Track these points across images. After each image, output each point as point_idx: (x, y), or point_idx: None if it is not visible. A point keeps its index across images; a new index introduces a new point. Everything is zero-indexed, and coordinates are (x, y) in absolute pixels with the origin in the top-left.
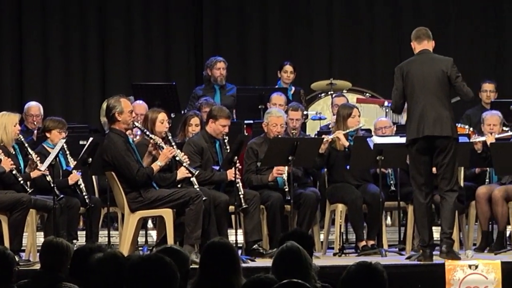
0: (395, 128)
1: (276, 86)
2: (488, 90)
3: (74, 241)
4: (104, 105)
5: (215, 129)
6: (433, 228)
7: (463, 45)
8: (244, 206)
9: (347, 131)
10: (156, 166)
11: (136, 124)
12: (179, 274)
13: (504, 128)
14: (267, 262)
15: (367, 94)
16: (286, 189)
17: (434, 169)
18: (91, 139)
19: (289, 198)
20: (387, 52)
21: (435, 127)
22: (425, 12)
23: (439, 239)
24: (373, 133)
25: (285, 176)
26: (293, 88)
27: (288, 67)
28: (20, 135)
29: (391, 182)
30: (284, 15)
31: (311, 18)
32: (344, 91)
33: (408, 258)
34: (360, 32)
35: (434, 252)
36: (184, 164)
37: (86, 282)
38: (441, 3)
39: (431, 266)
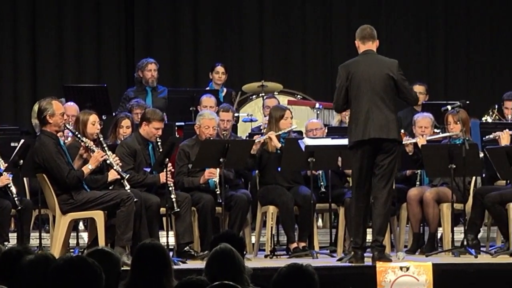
0: (326, 130)
1: (208, 88)
2: (418, 92)
3: (6, 243)
4: (36, 107)
5: (148, 131)
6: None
7: (395, 47)
8: (176, 210)
9: (279, 132)
10: (86, 169)
11: (68, 126)
12: (104, 275)
13: (436, 130)
14: (198, 264)
15: (298, 96)
16: (218, 191)
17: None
18: (22, 141)
19: (220, 200)
20: (318, 54)
21: (381, 130)
22: (357, 14)
23: (371, 243)
24: (304, 135)
25: (216, 178)
26: (225, 90)
27: (220, 68)
28: None
29: (321, 184)
30: (215, 17)
31: (242, 20)
32: (275, 93)
33: (339, 260)
34: (291, 34)
35: (365, 254)
36: (115, 167)
37: (16, 285)
38: (373, 5)
39: (362, 268)
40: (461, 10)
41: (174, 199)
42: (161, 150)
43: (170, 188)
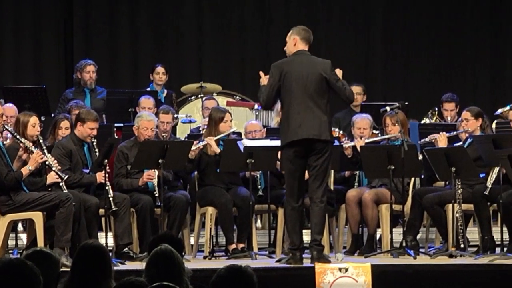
0: (265, 131)
1: (149, 89)
2: (356, 93)
3: None
4: None
5: (83, 132)
6: (304, 231)
7: (333, 48)
8: (114, 209)
9: (218, 136)
10: (26, 170)
11: (7, 127)
12: (42, 278)
13: (374, 132)
14: (137, 265)
15: (237, 97)
16: (156, 193)
17: (307, 173)
18: None
19: (159, 201)
20: (257, 56)
21: (313, 131)
22: (295, 15)
23: (309, 243)
24: (243, 136)
25: (155, 181)
26: (166, 91)
27: (160, 69)
28: None
29: (259, 187)
30: (154, 18)
31: (180, 20)
32: (214, 94)
33: (278, 261)
34: (229, 35)
35: (304, 255)
36: (54, 169)
37: None
38: (311, 6)
39: (301, 269)
40: (399, 11)
41: (111, 198)
42: (96, 150)
43: (107, 188)
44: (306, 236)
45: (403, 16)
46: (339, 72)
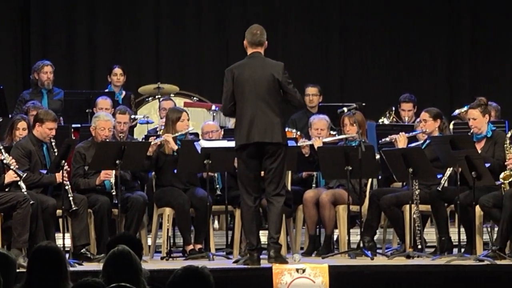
0: (222, 132)
1: (107, 90)
2: (310, 94)
3: None
4: None
5: (42, 132)
6: (261, 232)
7: (291, 49)
8: (74, 208)
9: (176, 134)
10: None
11: None
12: (2, 279)
13: (332, 132)
14: (94, 266)
15: (195, 98)
16: (114, 193)
17: (262, 173)
18: None
19: (116, 202)
20: (214, 57)
21: (265, 134)
22: (253, 16)
23: (266, 243)
24: (200, 137)
25: (112, 180)
26: (124, 92)
27: (118, 70)
28: None
29: (217, 186)
30: (111, 18)
31: (138, 21)
32: (171, 95)
33: (236, 262)
34: (187, 36)
35: (261, 256)
36: (12, 167)
37: None
38: (268, 7)
39: (259, 270)
40: (356, 11)
41: (71, 199)
42: (55, 150)
43: (67, 188)
44: (264, 237)
45: (360, 16)
46: None
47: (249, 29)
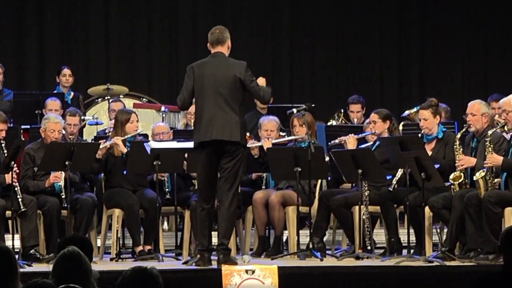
0: (172, 133)
1: (56, 91)
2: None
3: None
4: None
5: None
6: (212, 232)
7: (240, 50)
8: (23, 209)
9: (126, 137)
10: None
11: None
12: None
13: (281, 133)
14: (44, 267)
15: (144, 99)
16: (63, 195)
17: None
18: None
19: (66, 203)
20: (164, 58)
21: (224, 132)
22: (202, 17)
23: (216, 245)
24: (150, 138)
25: (61, 182)
26: (72, 93)
27: (67, 71)
28: None
29: (167, 189)
30: (61, 19)
31: (87, 22)
32: (121, 96)
33: (185, 263)
34: (136, 37)
35: (212, 257)
36: None
37: None
38: (217, 8)
39: (208, 271)
40: (306, 13)
41: (20, 200)
42: (5, 151)
43: (16, 189)
44: (214, 238)
45: (310, 18)
46: (262, 81)
47: (211, 30)
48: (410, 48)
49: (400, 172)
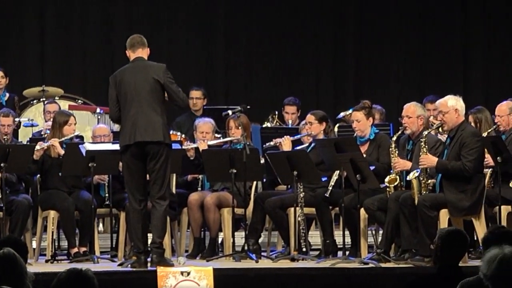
0: (112, 136)
1: None
2: (194, 98)
3: None
4: None
5: None
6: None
7: (175, 52)
8: None
9: (63, 139)
10: None
11: None
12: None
13: (217, 135)
14: None
15: (79, 101)
16: None
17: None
18: None
19: (1, 205)
20: (99, 59)
21: (146, 133)
22: (138, 19)
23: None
24: (91, 140)
25: None
26: (7, 95)
27: None
28: None
29: (106, 195)
30: None
31: (22, 23)
32: (56, 97)
33: (120, 264)
34: (72, 38)
35: (149, 259)
36: None
37: None
38: (153, 8)
39: (143, 273)
40: (241, 14)
41: None
42: None
43: None
44: (150, 240)
45: (245, 19)
46: None
47: (128, 38)
48: (345, 50)
49: (335, 177)
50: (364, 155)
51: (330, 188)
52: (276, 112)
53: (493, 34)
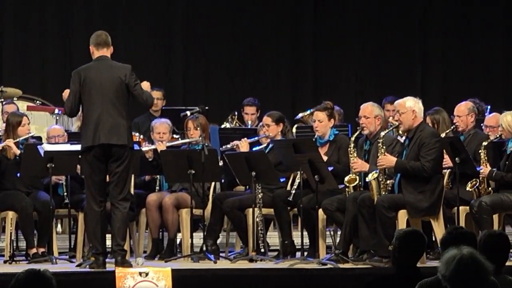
0: (67, 136)
1: None
2: (155, 98)
3: None
4: None
5: None
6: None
7: (133, 52)
8: None
9: (18, 139)
10: None
11: None
12: None
13: (175, 136)
14: None
15: (38, 102)
16: None
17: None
18: None
19: None
20: (57, 60)
21: (111, 135)
22: (96, 19)
23: (111, 249)
24: (45, 141)
25: None
26: None
27: None
28: None
29: (65, 194)
30: None
31: None
32: (14, 98)
33: (79, 265)
34: (29, 39)
35: (107, 260)
36: None
37: None
38: (110, 8)
39: (102, 273)
40: (200, 14)
41: None
42: None
43: None
44: (108, 241)
45: (204, 19)
46: (146, 85)
47: (94, 34)
48: (303, 50)
49: (298, 180)
50: (326, 157)
51: (293, 192)
52: (236, 113)
53: (451, 35)
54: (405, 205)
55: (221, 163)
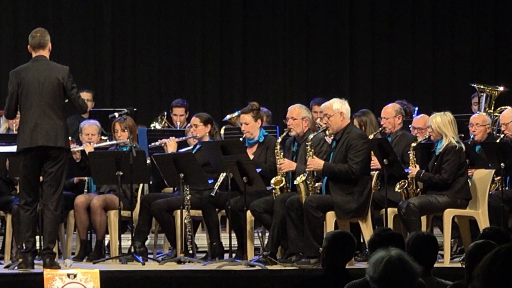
0: None
1: None
2: (86, 99)
3: None
4: None
5: None
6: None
7: (62, 53)
8: None
9: None
10: None
11: None
12: None
13: (103, 137)
14: None
15: None
16: None
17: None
18: None
19: None
20: (2, 60)
21: (49, 138)
22: (23, 18)
23: (41, 251)
24: None
25: None
26: None
27: None
28: None
29: None
30: None
31: None
32: None
33: (7, 267)
34: None
35: (35, 261)
36: None
37: None
38: (39, 6)
39: (30, 275)
40: (129, 15)
41: None
42: None
43: None
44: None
45: (132, 22)
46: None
47: (31, 32)
48: (232, 52)
49: (222, 177)
50: (253, 157)
51: (216, 188)
52: (165, 113)
53: (379, 37)
54: (333, 206)
55: (148, 161)
